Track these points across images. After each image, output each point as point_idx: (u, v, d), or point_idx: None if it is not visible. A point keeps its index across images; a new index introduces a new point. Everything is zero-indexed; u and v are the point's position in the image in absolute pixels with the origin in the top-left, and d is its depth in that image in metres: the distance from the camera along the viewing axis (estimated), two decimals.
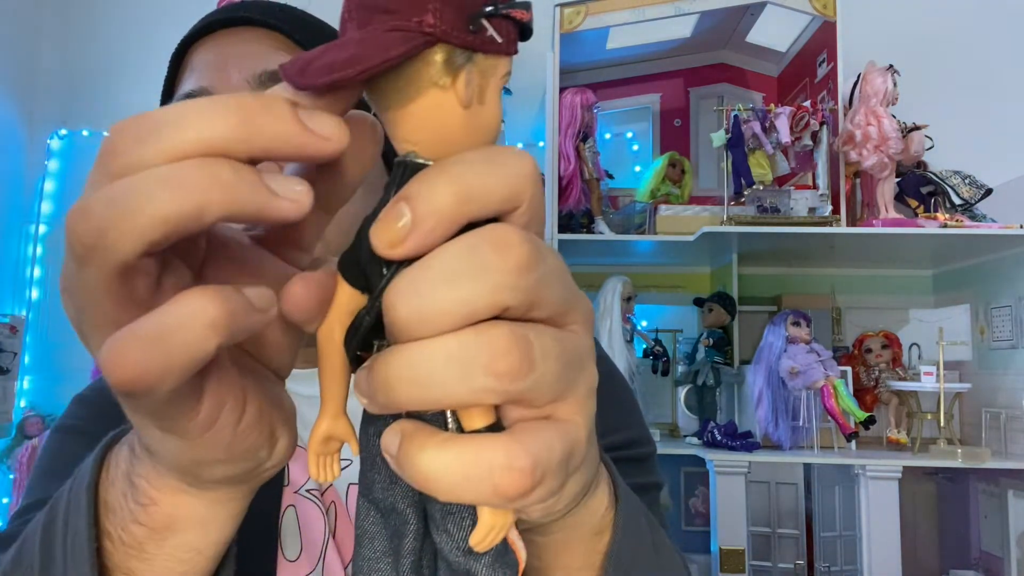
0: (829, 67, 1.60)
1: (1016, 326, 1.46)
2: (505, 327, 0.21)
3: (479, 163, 0.22)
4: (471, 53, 0.22)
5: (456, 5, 0.22)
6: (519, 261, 0.20)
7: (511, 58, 0.23)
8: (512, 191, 0.22)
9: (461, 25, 0.22)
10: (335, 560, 0.54)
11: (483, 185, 0.22)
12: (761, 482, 1.52)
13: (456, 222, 0.21)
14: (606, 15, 1.62)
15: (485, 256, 0.20)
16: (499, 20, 0.22)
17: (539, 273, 0.21)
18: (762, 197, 1.52)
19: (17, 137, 1.99)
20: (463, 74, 0.22)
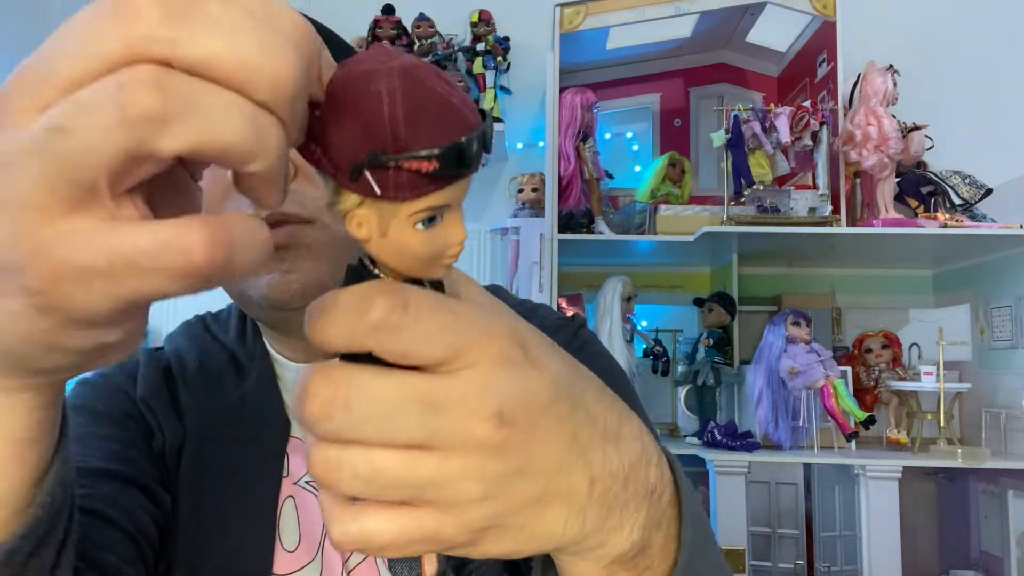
0: (829, 67, 1.60)
1: (1016, 326, 1.46)
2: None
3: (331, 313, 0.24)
4: (360, 199, 0.23)
5: (340, 147, 0.23)
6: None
7: (425, 197, 0.23)
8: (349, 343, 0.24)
9: (344, 169, 0.23)
10: (334, 551, 0.55)
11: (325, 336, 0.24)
12: (761, 482, 1.52)
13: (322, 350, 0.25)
14: (606, 15, 1.62)
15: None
16: (385, 172, 0.22)
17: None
18: (762, 197, 1.52)
19: None
20: (349, 216, 0.24)
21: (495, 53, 1.82)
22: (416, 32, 1.83)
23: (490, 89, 1.80)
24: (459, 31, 1.88)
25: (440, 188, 0.23)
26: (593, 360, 0.64)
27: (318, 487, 0.26)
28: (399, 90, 0.22)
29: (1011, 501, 1.44)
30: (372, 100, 0.22)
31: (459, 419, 0.24)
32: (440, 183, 0.23)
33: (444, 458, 0.24)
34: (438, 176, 0.23)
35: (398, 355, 0.24)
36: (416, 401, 0.24)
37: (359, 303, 0.24)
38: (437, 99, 0.23)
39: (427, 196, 0.23)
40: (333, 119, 0.23)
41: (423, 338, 0.24)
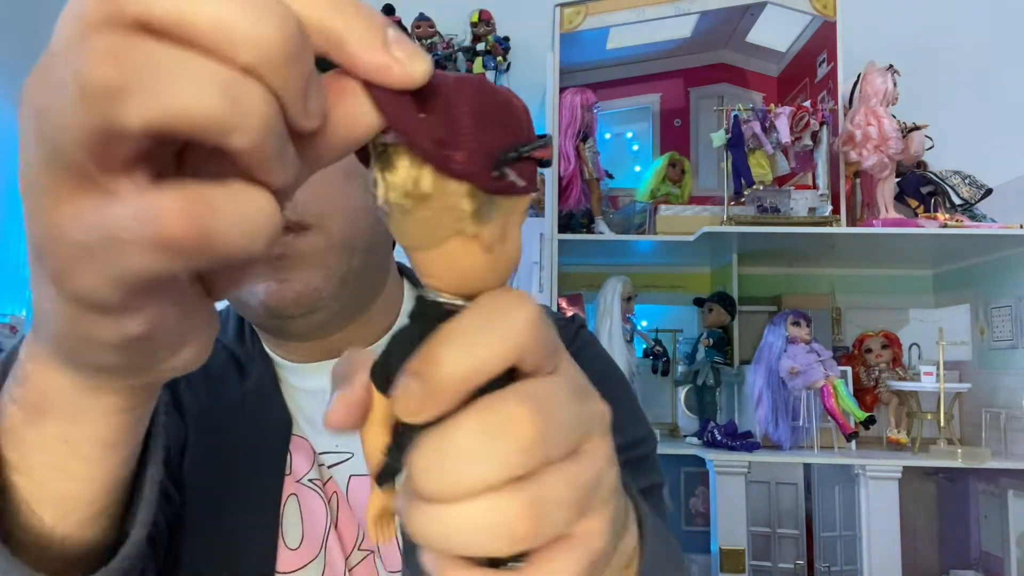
0: (829, 67, 1.60)
1: (1016, 326, 1.46)
2: (519, 497, 0.22)
3: (485, 328, 0.23)
4: (494, 198, 0.23)
5: (485, 150, 0.22)
6: (526, 439, 0.22)
7: (532, 194, 0.24)
8: (519, 348, 0.23)
9: (487, 170, 0.22)
10: (336, 549, 0.55)
11: (491, 353, 0.22)
12: (761, 482, 1.52)
13: (469, 391, 0.22)
14: (606, 15, 1.62)
15: (497, 437, 0.22)
16: (521, 163, 0.23)
17: (547, 441, 0.22)
18: (762, 197, 1.52)
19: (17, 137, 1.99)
20: (488, 224, 0.23)
21: (495, 53, 1.82)
22: (416, 32, 1.83)
23: None
24: (459, 31, 1.88)
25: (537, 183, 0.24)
26: (592, 362, 0.64)
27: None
28: (511, 93, 0.23)
29: (1011, 501, 1.44)
30: (511, 100, 0.23)
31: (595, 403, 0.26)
32: (536, 182, 0.24)
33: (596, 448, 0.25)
34: (546, 164, 0.23)
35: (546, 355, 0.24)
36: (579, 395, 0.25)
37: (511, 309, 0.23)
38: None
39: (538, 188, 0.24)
40: (482, 122, 0.22)
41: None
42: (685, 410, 1.67)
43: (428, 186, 0.22)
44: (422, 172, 0.22)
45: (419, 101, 0.22)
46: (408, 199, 0.22)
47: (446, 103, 0.22)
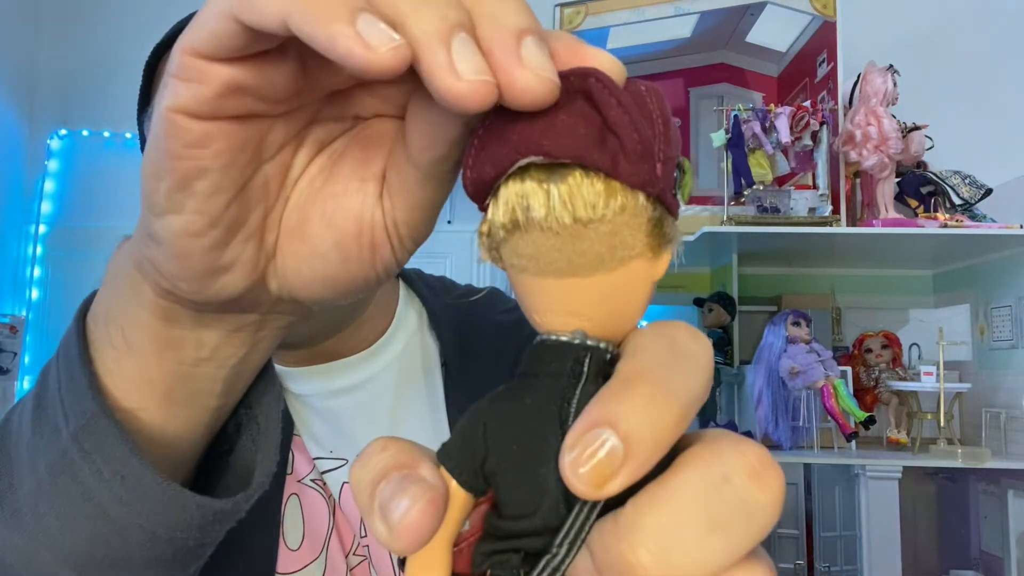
0: (829, 67, 1.60)
1: (1016, 326, 1.46)
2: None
3: (676, 364, 0.18)
4: (668, 217, 0.19)
5: (671, 162, 0.19)
6: (780, 493, 0.17)
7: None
8: (707, 388, 0.19)
9: (671, 186, 0.19)
10: (338, 550, 0.54)
11: (691, 394, 0.18)
12: None
13: (669, 448, 0.17)
14: (606, 15, 1.62)
15: (745, 494, 0.17)
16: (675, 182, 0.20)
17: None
18: (762, 197, 1.52)
19: (17, 137, 1.99)
20: (671, 245, 0.20)
21: None
22: None
23: None
24: None
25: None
26: None
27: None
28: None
29: (1011, 501, 1.44)
30: (669, 112, 0.20)
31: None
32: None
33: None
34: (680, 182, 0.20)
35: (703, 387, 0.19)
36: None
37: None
38: None
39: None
40: (667, 133, 0.19)
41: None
42: None
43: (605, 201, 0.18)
44: (594, 183, 0.18)
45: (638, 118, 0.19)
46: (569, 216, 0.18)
47: (649, 114, 0.19)
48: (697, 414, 0.93)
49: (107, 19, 2.07)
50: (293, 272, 0.27)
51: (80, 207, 1.97)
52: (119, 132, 1.98)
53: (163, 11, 2.03)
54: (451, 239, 1.91)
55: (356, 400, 0.59)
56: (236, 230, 0.25)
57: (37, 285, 1.93)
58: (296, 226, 0.26)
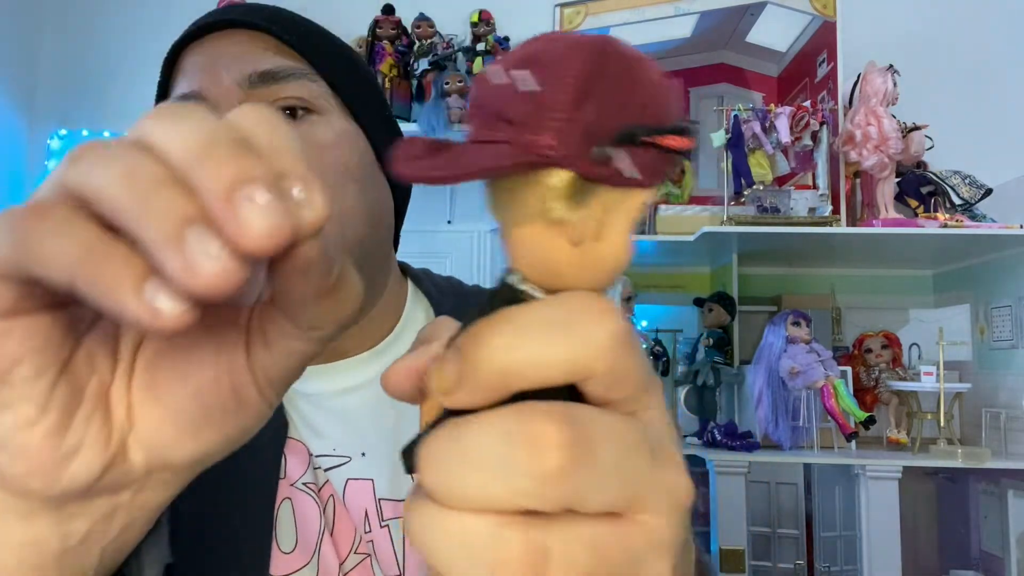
0: (829, 67, 1.60)
1: (1016, 326, 1.46)
2: (521, 536, 0.18)
3: (545, 329, 0.19)
4: (592, 185, 0.19)
5: (584, 127, 0.19)
6: (548, 467, 0.18)
7: (659, 186, 0.20)
8: (583, 362, 0.19)
9: (585, 151, 0.19)
10: (331, 554, 0.54)
11: (540, 358, 0.19)
12: (761, 482, 1.52)
13: (503, 392, 0.19)
14: (606, 15, 1.62)
15: (515, 453, 0.18)
16: (638, 149, 0.19)
17: (578, 482, 0.18)
18: (762, 197, 1.52)
19: (17, 137, 1.99)
20: (578, 210, 0.19)
21: (495, 53, 1.82)
22: (416, 32, 1.83)
23: None
24: (459, 31, 1.88)
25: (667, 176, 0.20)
26: None
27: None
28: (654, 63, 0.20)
29: (1011, 501, 1.44)
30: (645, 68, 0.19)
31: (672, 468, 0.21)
32: (670, 169, 0.20)
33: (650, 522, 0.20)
34: (683, 156, 0.19)
35: (620, 382, 0.20)
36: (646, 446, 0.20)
37: (592, 314, 0.19)
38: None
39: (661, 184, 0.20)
40: (586, 94, 0.19)
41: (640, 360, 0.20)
42: (685, 410, 1.67)
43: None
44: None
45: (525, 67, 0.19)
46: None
47: (548, 73, 0.19)
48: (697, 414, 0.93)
49: (107, 19, 2.07)
50: (154, 429, 0.25)
51: None
52: (119, 132, 1.98)
53: (163, 11, 2.04)
54: (451, 239, 1.91)
55: (364, 398, 0.59)
56: (72, 410, 0.24)
57: None
58: (147, 389, 0.25)
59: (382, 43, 1.80)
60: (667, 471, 0.20)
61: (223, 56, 0.54)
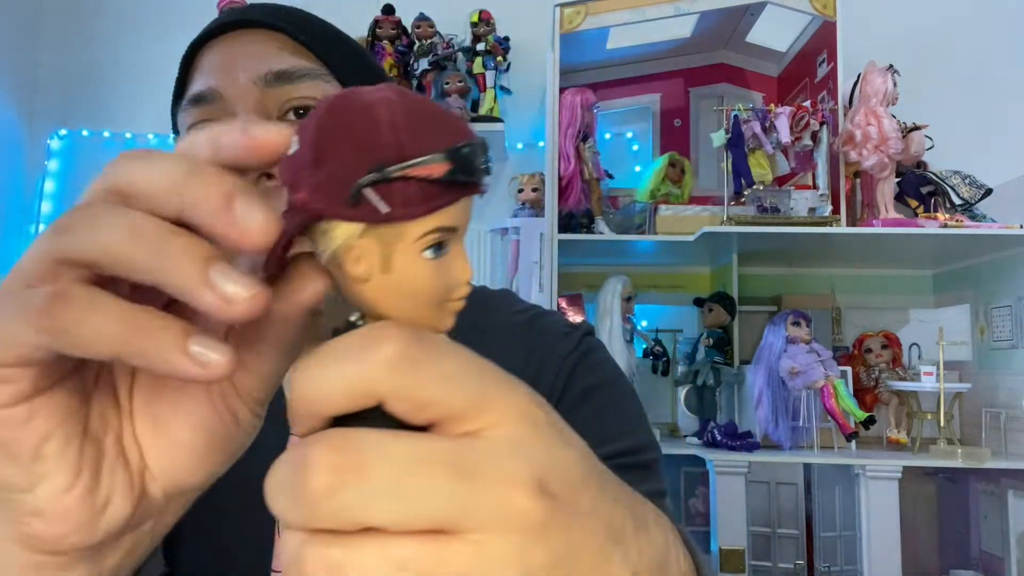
0: (829, 67, 1.60)
1: (1016, 326, 1.46)
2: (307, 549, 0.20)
3: (332, 359, 0.21)
4: (362, 228, 0.21)
5: (329, 177, 0.21)
6: (313, 490, 0.19)
7: (437, 214, 0.21)
8: (355, 390, 0.20)
9: (339, 198, 0.20)
10: None
11: (326, 386, 0.21)
12: (761, 482, 1.52)
13: (316, 419, 0.21)
14: (606, 15, 1.62)
15: (292, 478, 0.20)
16: (390, 185, 0.20)
17: (346, 498, 0.19)
18: (762, 197, 1.52)
19: (17, 137, 1.99)
20: (345, 251, 0.21)
21: (495, 53, 1.82)
22: (416, 32, 1.83)
23: (490, 89, 1.81)
24: (459, 31, 1.88)
25: (452, 201, 0.21)
26: (595, 367, 0.64)
27: None
28: (397, 101, 0.21)
29: (1011, 501, 1.44)
30: (369, 113, 0.21)
31: (496, 489, 0.20)
32: (452, 194, 0.21)
33: (479, 543, 0.19)
34: (450, 183, 0.21)
35: (416, 403, 0.20)
36: (444, 465, 0.19)
37: (366, 342, 0.20)
38: (436, 108, 0.22)
39: (439, 212, 0.21)
40: (321, 150, 0.21)
41: (443, 381, 0.20)
42: (685, 410, 1.67)
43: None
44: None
45: (310, 138, 0.22)
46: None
47: (299, 137, 0.22)
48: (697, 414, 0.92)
49: (107, 19, 2.07)
50: (167, 464, 0.27)
51: None
52: (119, 132, 1.98)
53: (162, 12, 2.04)
54: None
55: None
56: (99, 467, 0.26)
57: None
58: (152, 429, 0.27)
59: (382, 43, 1.80)
60: (495, 491, 0.20)
61: (240, 55, 0.55)
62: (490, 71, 1.81)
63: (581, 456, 0.23)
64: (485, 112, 1.78)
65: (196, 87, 0.56)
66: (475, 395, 0.20)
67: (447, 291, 0.22)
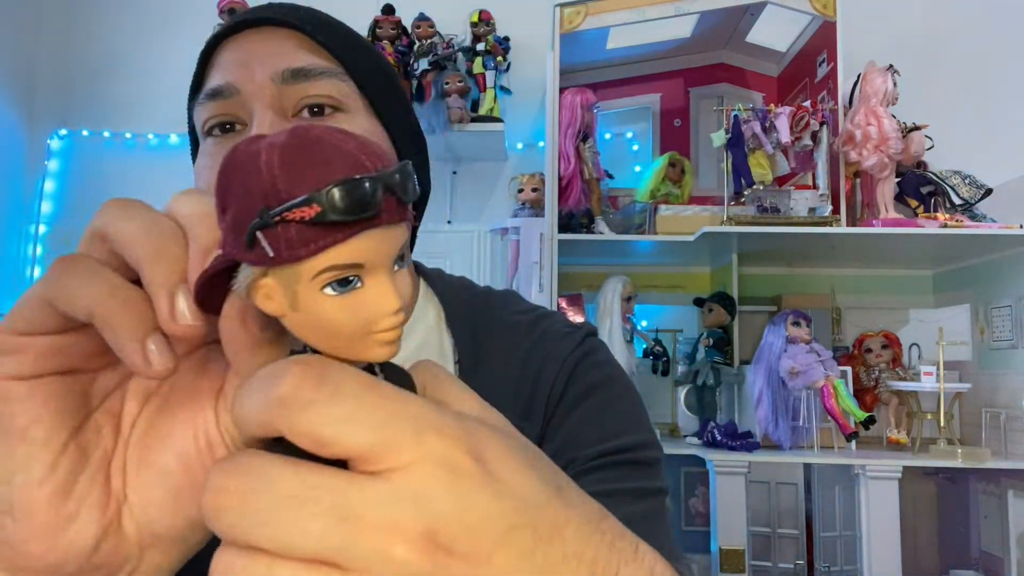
0: (829, 67, 1.60)
1: (1016, 326, 1.46)
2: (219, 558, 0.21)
3: (250, 390, 0.22)
4: (263, 268, 0.22)
5: (234, 222, 0.22)
6: (205, 507, 0.21)
7: (324, 253, 0.21)
8: (258, 421, 0.21)
9: (240, 243, 0.21)
10: None
11: (241, 414, 0.22)
12: (761, 482, 1.52)
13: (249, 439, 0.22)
14: (606, 15, 1.62)
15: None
16: (274, 230, 0.21)
17: (230, 519, 0.20)
18: (762, 197, 1.52)
19: (17, 137, 1.99)
20: (259, 289, 0.22)
21: (495, 53, 1.82)
22: (416, 32, 1.83)
23: (490, 89, 1.81)
24: (459, 31, 1.88)
25: (340, 241, 0.21)
26: (596, 367, 0.64)
27: None
28: (279, 144, 0.21)
29: (1011, 501, 1.44)
30: (255, 160, 0.21)
31: (375, 533, 0.20)
32: (337, 234, 0.21)
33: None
34: (327, 224, 0.21)
35: (310, 440, 0.20)
36: (325, 503, 0.20)
37: (268, 378, 0.21)
38: (323, 146, 0.21)
39: (325, 252, 0.21)
40: (222, 198, 0.22)
41: (340, 420, 0.20)
42: (685, 410, 1.67)
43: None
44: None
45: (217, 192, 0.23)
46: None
47: (225, 182, 0.23)
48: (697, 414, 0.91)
49: (106, 19, 2.07)
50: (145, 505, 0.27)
51: (80, 207, 1.97)
52: (119, 132, 1.98)
53: (163, 12, 2.04)
54: (451, 239, 1.91)
55: None
56: (76, 474, 0.26)
57: None
58: (140, 459, 0.28)
59: (382, 43, 1.80)
60: (374, 537, 0.20)
61: (258, 52, 0.56)
62: (490, 71, 1.81)
63: (514, 506, 0.21)
64: (485, 112, 1.78)
65: (213, 82, 0.56)
66: (376, 438, 0.20)
67: (366, 324, 0.22)
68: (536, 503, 0.22)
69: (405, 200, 0.22)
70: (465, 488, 0.20)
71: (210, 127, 0.55)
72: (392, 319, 0.22)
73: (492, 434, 0.23)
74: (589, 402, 0.60)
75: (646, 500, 0.56)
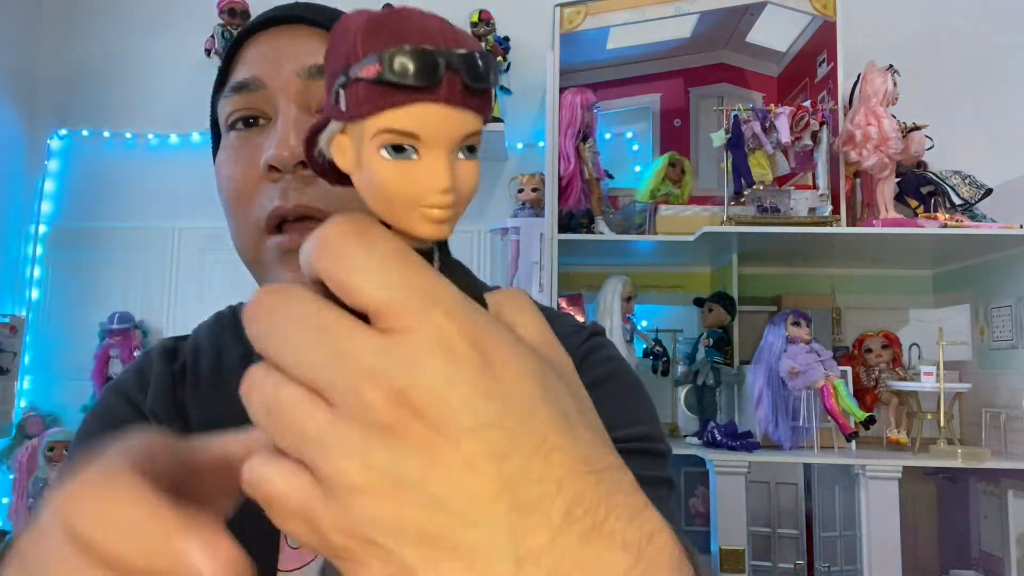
0: (829, 67, 1.60)
1: (1016, 326, 1.46)
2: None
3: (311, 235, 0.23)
4: (341, 124, 0.24)
5: (329, 83, 0.24)
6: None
7: (383, 114, 0.22)
8: (307, 261, 0.23)
9: (329, 101, 0.24)
10: None
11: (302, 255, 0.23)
12: (761, 482, 1.52)
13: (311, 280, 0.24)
14: (606, 15, 1.62)
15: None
16: (349, 88, 0.23)
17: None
18: (762, 197, 1.52)
19: (17, 137, 1.99)
20: (336, 143, 0.24)
21: (495, 53, 1.82)
22: None
23: None
24: None
25: (398, 104, 0.22)
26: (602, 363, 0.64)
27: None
28: (371, 13, 0.23)
29: (1011, 501, 1.44)
30: (347, 25, 0.23)
31: (358, 374, 0.21)
32: (396, 96, 0.22)
33: (335, 418, 0.21)
34: (388, 85, 0.22)
35: (335, 283, 0.22)
36: (327, 337, 0.21)
37: (326, 222, 0.23)
38: (407, 18, 0.23)
39: (383, 112, 0.22)
40: (327, 62, 0.24)
41: (363, 271, 0.21)
42: (685, 410, 1.67)
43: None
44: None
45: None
46: None
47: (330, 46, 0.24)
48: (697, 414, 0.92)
49: (106, 19, 2.07)
50: None
51: (80, 207, 1.97)
52: (119, 132, 1.98)
53: (163, 12, 2.04)
54: (451, 239, 1.91)
55: None
56: None
57: (37, 285, 1.93)
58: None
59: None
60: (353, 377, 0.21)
61: (285, 48, 0.57)
62: None
63: (503, 403, 0.21)
64: None
65: (239, 75, 0.57)
66: (389, 297, 0.21)
67: (415, 196, 0.23)
68: (523, 412, 0.21)
69: (473, 86, 0.23)
70: (453, 369, 0.21)
71: (234, 120, 0.56)
72: (440, 197, 0.23)
73: (508, 339, 0.22)
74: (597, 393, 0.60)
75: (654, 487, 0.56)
